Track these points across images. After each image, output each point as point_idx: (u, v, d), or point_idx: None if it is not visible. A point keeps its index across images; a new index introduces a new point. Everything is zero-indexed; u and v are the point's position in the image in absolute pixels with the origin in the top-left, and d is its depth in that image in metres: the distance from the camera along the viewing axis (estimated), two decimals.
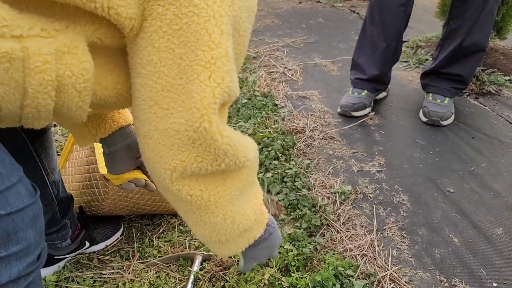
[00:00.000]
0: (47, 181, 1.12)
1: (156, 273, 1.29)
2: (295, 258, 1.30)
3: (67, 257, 1.32)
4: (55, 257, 1.28)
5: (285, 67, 2.54)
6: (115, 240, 1.42)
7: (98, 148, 1.28)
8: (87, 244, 1.35)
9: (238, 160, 0.73)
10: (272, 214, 1.15)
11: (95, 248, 1.38)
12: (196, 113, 0.65)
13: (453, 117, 2.03)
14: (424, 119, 2.02)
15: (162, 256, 1.35)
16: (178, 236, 1.44)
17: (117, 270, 1.30)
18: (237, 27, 0.68)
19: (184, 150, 0.68)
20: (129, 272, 1.29)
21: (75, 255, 1.35)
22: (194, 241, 1.41)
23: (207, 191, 0.75)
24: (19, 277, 0.68)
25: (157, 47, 0.65)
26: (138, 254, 1.36)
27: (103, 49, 0.69)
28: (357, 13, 3.45)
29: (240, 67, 0.76)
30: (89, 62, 0.64)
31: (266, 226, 0.94)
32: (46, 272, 1.28)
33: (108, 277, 1.27)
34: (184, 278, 1.27)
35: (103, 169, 1.14)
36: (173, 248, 1.39)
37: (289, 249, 1.32)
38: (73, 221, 1.28)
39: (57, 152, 1.78)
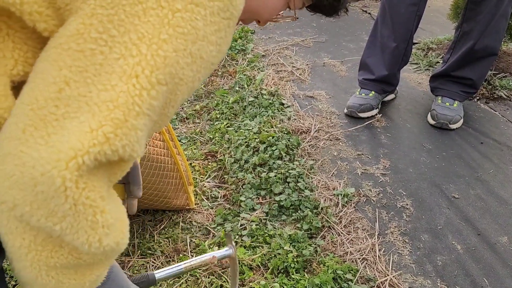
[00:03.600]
0: None
1: (155, 269, 1.29)
2: (295, 260, 1.29)
3: None
4: None
5: (294, 66, 2.53)
6: None
7: None
8: None
9: (77, 236, 0.55)
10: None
11: None
12: (55, 157, 0.50)
13: (462, 121, 2.00)
14: (432, 122, 1.99)
15: (163, 251, 1.35)
16: (179, 233, 1.44)
17: None
18: (169, 72, 0.54)
19: (22, 189, 0.52)
20: (128, 268, 1.29)
21: None
22: (195, 238, 1.41)
23: (29, 247, 0.57)
24: None
25: (47, 55, 0.54)
26: (139, 251, 1.36)
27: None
28: (369, 13, 3.42)
29: (169, 119, 0.61)
30: (7, 103, 0.56)
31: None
32: None
33: None
34: (182, 276, 1.27)
35: None
36: (174, 244, 1.39)
37: (289, 251, 1.31)
38: None
39: None
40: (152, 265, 1.30)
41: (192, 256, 1.33)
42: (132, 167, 0.75)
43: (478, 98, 2.24)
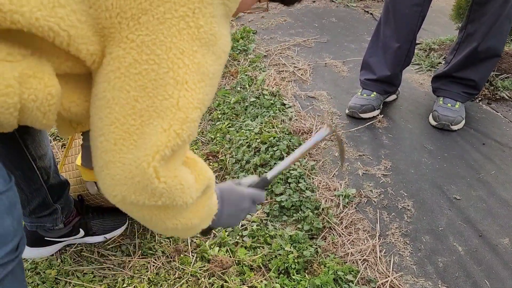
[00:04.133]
0: (35, 167, 1.13)
1: (156, 269, 1.29)
2: (296, 260, 1.29)
3: (60, 242, 1.33)
4: (45, 238, 1.29)
5: (295, 67, 2.52)
6: (116, 235, 1.42)
7: None
8: (81, 232, 1.35)
9: (175, 202, 0.74)
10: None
11: (93, 240, 1.39)
12: (143, 154, 0.67)
13: (463, 122, 2.00)
14: (434, 123, 1.99)
15: (164, 251, 1.35)
16: None
17: (117, 266, 1.30)
18: (204, 72, 0.70)
19: (124, 183, 0.69)
20: (129, 268, 1.29)
21: (68, 243, 1.35)
22: (196, 239, 1.41)
23: (150, 214, 0.76)
24: None
25: (112, 85, 0.67)
26: (140, 251, 1.36)
27: (72, 76, 0.73)
28: (371, 13, 3.41)
29: (209, 104, 0.77)
30: (55, 87, 0.68)
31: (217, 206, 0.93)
32: (36, 253, 1.30)
33: (107, 273, 1.28)
34: (183, 276, 1.27)
35: (78, 160, 1.15)
36: (174, 244, 1.39)
37: (289, 251, 1.31)
38: (67, 207, 1.29)
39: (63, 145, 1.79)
40: (153, 266, 1.30)
41: (193, 256, 1.33)
42: None
43: (480, 99, 2.23)
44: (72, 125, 0.98)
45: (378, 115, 2.05)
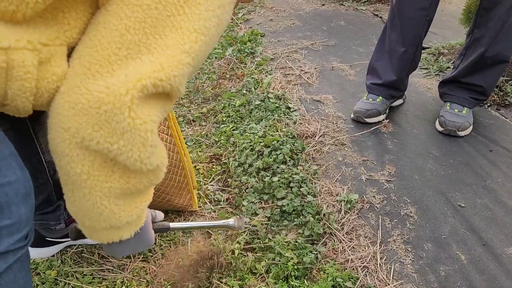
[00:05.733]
0: (43, 160, 1.14)
1: (155, 272, 1.29)
2: (295, 266, 1.28)
3: (61, 242, 1.34)
4: (47, 238, 1.30)
5: (302, 70, 2.51)
6: None
7: None
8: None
9: (131, 153, 0.68)
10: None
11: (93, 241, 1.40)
12: (122, 80, 0.63)
13: (471, 128, 1.97)
14: (440, 129, 1.96)
15: (164, 254, 1.36)
16: (181, 236, 1.44)
17: (117, 268, 1.31)
18: (206, 27, 0.70)
19: (85, 113, 0.64)
20: (129, 271, 1.30)
21: (69, 244, 1.36)
22: (198, 242, 1.40)
23: (88, 173, 0.70)
24: (8, 251, 0.70)
25: (108, 11, 0.66)
26: (140, 253, 1.36)
27: None
28: (380, 17, 3.39)
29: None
30: (61, 67, 0.68)
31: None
32: (37, 253, 1.31)
33: (107, 275, 1.28)
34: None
35: None
36: (175, 246, 1.39)
37: (289, 257, 1.30)
38: None
39: None
40: (152, 269, 1.30)
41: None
42: None
43: (489, 104, 2.20)
44: None
45: (383, 119, 2.03)
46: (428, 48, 2.78)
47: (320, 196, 1.57)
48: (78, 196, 0.73)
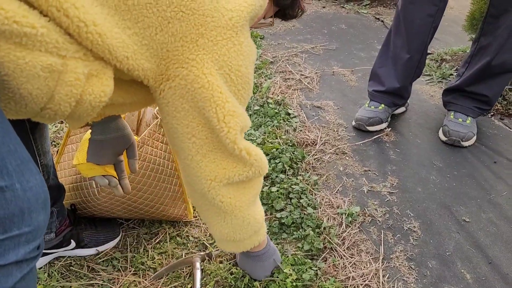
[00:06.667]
0: (39, 163, 1.11)
1: (146, 285, 1.23)
2: (294, 283, 1.22)
3: (50, 253, 1.28)
4: None
5: (302, 74, 2.46)
6: (108, 248, 1.37)
7: (84, 139, 1.22)
8: (73, 243, 1.30)
9: (261, 170, 0.95)
10: None
11: (85, 252, 1.34)
12: (228, 138, 0.86)
13: (475, 138, 1.92)
14: (444, 139, 1.91)
15: (156, 268, 1.30)
16: (174, 248, 1.38)
17: (107, 282, 1.25)
18: (231, 78, 0.84)
19: (225, 159, 0.90)
20: (119, 286, 1.24)
21: (57, 255, 1.30)
22: (191, 255, 1.35)
23: (234, 197, 0.95)
24: (23, 260, 0.68)
25: (181, 97, 0.84)
26: (131, 266, 1.30)
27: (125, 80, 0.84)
28: (382, 21, 3.33)
29: (247, 101, 0.93)
30: (110, 87, 0.76)
31: (268, 244, 1.20)
32: None
33: None
34: None
35: (76, 159, 1.10)
36: (167, 260, 1.33)
37: (288, 274, 1.25)
38: (61, 212, 1.25)
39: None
40: (144, 283, 1.24)
41: (187, 274, 1.28)
42: (131, 144, 1.08)
43: (492, 114, 2.15)
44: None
45: (385, 128, 1.98)
46: (430, 54, 2.73)
47: (320, 208, 1.52)
48: (230, 219, 0.99)
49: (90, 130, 1.06)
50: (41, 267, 1.28)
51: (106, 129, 1.03)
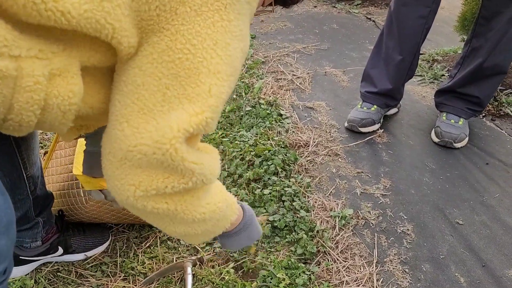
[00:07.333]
0: (24, 175, 1.07)
1: None
2: None
3: (36, 260, 1.25)
4: (20, 257, 1.20)
5: (294, 75, 2.44)
6: (97, 253, 1.34)
7: (80, 145, 1.19)
8: (60, 250, 1.26)
9: (205, 178, 0.74)
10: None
11: (73, 258, 1.31)
12: (168, 134, 0.66)
13: (467, 139, 1.92)
14: (436, 140, 1.91)
15: (146, 273, 1.27)
16: (164, 252, 1.35)
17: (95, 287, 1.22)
18: (235, 66, 0.72)
19: (152, 167, 0.69)
20: None
21: (44, 261, 1.27)
22: (182, 259, 1.32)
23: (173, 203, 0.75)
24: None
25: (143, 71, 0.67)
26: (121, 271, 1.27)
27: (94, 71, 0.71)
28: (373, 21, 3.33)
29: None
30: (78, 85, 0.67)
31: (243, 219, 0.99)
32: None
33: None
34: None
35: (76, 169, 1.07)
36: (158, 265, 1.31)
37: (281, 278, 1.23)
38: (48, 221, 1.21)
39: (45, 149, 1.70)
40: None
41: (177, 279, 1.25)
42: None
43: (484, 115, 2.15)
44: (77, 127, 0.93)
45: (378, 129, 1.97)
46: (422, 54, 2.73)
47: (313, 211, 1.50)
48: (179, 219, 0.79)
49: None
50: (28, 273, 1.24)
51: (99, 140, 1.00)
